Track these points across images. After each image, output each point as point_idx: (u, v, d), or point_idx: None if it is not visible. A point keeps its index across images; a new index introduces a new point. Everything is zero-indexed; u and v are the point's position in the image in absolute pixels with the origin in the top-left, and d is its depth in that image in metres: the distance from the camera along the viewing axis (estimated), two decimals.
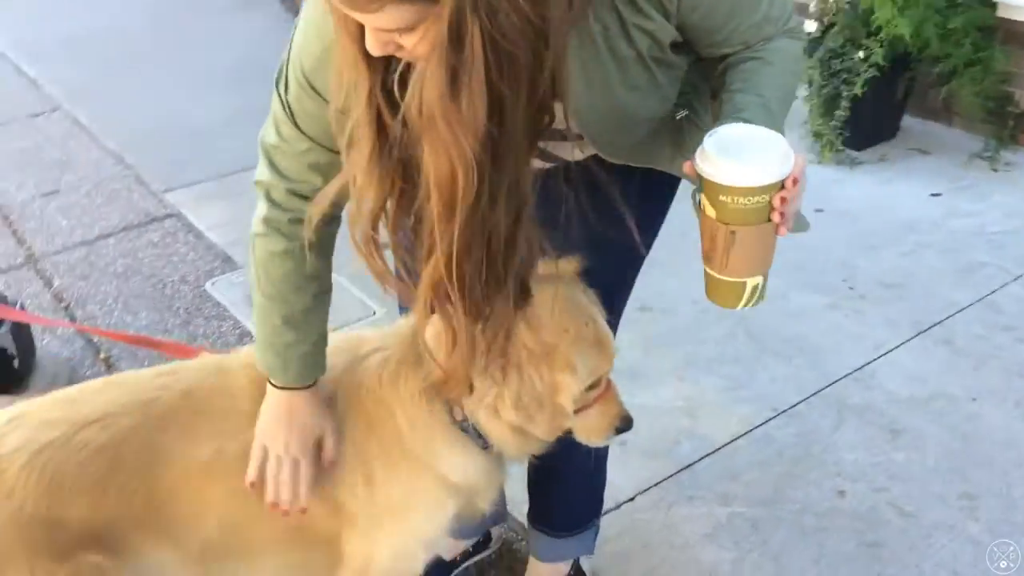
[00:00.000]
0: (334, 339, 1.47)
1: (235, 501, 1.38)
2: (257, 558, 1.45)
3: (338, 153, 1.12)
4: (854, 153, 3.64)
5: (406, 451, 1.40)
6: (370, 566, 1.46)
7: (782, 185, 1.04)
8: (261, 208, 1.28)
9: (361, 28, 0.95)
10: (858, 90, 3.38)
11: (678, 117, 1.30)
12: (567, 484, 1.72)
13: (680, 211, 1.50)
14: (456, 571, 1.93)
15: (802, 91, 3.78)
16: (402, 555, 1.48)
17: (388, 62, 0.98)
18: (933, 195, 3.37)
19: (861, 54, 3.37)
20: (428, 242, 1.03)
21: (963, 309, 2.72)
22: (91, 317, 2.93)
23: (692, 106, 1.31)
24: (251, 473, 1.35)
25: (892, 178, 3.50)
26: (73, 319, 2.92)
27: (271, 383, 1.36)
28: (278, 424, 1.35)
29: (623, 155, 1.28)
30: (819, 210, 3.30)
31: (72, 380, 2.12)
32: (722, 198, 1.05)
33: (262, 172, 1.27)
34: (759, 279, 1.12)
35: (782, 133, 1.12)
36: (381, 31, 0.92)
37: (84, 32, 5.58)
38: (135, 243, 3.35)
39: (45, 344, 2.74)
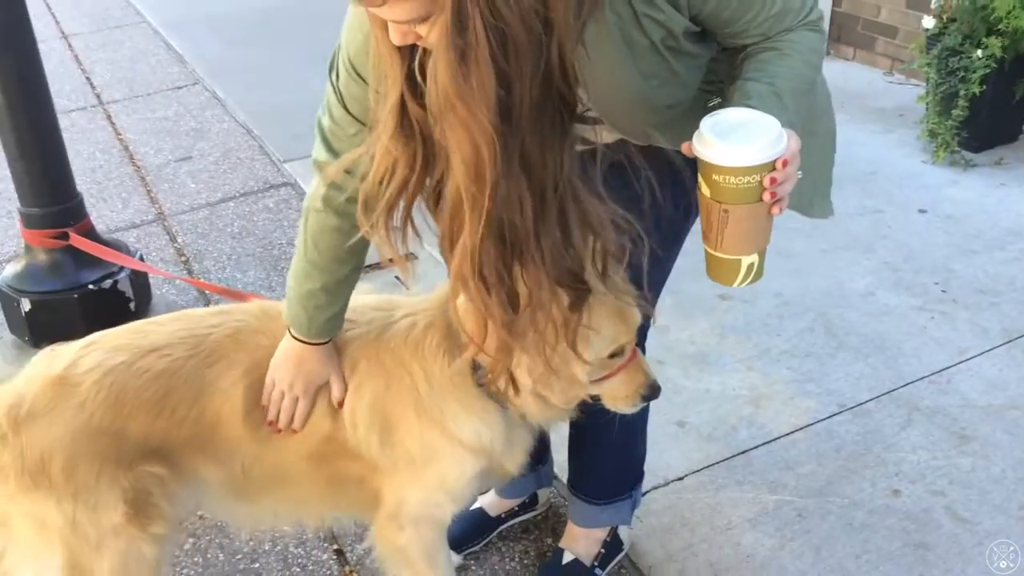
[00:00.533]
0: (370, 300, 1.60)
1: (264, 437, 1.52)
2: (291, 485, 1.59)
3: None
4: (969, 155, 3.50)
5: (421, 409, 1.51)
6: (401, 509, 1.58)
7: (773, 167, 1.08)
8: (319, 186, 1.40)
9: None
10: (975, 88, 3.26)
11: (710, 104, 1.34)
12: (602, 453, 1.79)
13: None
14: (501, 527, 2.02)
15: (919, 90, 3.67)
16: (429, 503, 1.59)
17: (413, 51, 1.08)
18: None
19: (980, 52, 3.23)
20: (453, 227, 1.12)
21: None
22: (206, 271, 3.18)
23: (724, 94, 1.34)
24: (263, 398, 1.50)
25: (1006, 182, 3.35)
26: (190, 272, 3.18)
27: (291, 332, 1.49)
28: (287, 365, 1.49)
29: (648, 138, 1.33)
30: (923, 211, 3.22)
31: None
32: (715, 177, 1.10)
33: (318, 152, 1.39)
34: (755, 257, 1.17)
35: (795, 121, 1.16)
36: (398, 23, 1.02)
37: (228, 11, 5.98)
38: (252, 207, 3.60)
39: (163, 292, 3.01)
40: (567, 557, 1.89)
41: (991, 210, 3.19)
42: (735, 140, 1.09)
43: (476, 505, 2.02)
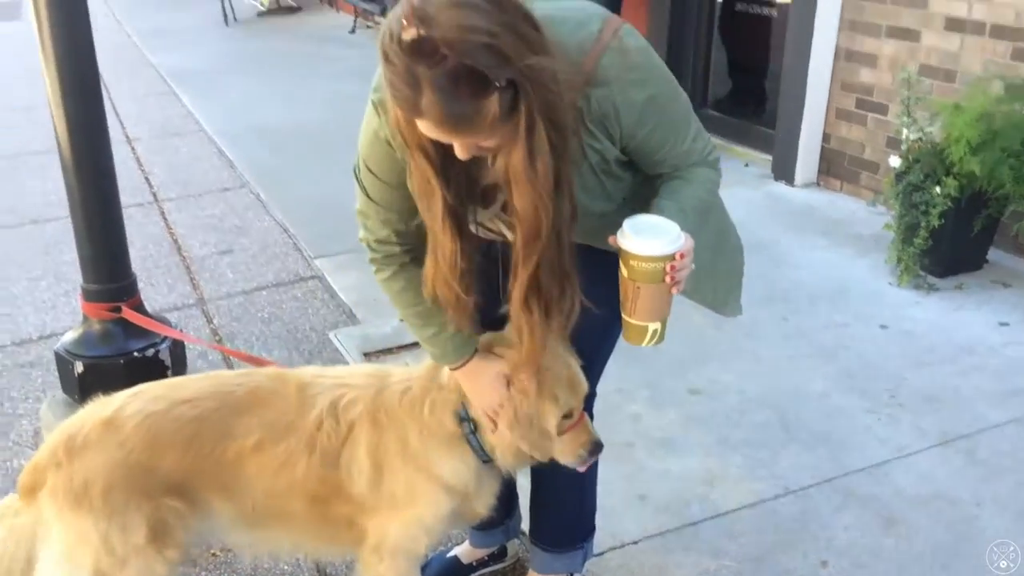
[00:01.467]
0: (367, 368, 1.97)
1: (272, 477, 1.84)
2: (292, 523, 1.91)
3: (394, 211, 1.66)
4: (933, 280, 3.84)
5: (408, 456, 1.84)
6: (383, 543, 1.90)
7: (673, 257, 1.46)
8: (369, 257, 1.77)
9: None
10: (935, 221, 3.63)
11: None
12: (557, 506, 2.10)
13: (739, 322, 1.84)
14: (473, 574, 2.31)
15: (886, 218, 4.06)
16: (408, 537, 1.90)
17: (446, 166, 1.47)
18: (1001, 324, 3.52)
19: (938, 189, 3.62)
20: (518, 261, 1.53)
21: (997, 426, 2.88)
22: (235, 349, 3.56)
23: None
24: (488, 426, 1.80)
25: (964, 305, 3.67)
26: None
27: (451, 369, 1.80)
28: (475, 388, 1.78)
29: (581, 236, 1.70)
30: (884, 326, 3.54)
31: None
32: (631, 262, 1.49)
33: (360, 232, 1.77)
34: (658, 325, 1.54)
35: (692, 229, 1.54)
36: (472, 144, 1.39)
37: (275, 124, 6.61)
38: (282, 296, 4.02)
39: (197, 366, 3.39)
40: None
41: (947, 328, 3.51)
42: (647, 236, 1.47)
43: (451, 553, 2.31)
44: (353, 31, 10.39)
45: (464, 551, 2.32)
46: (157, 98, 7.68)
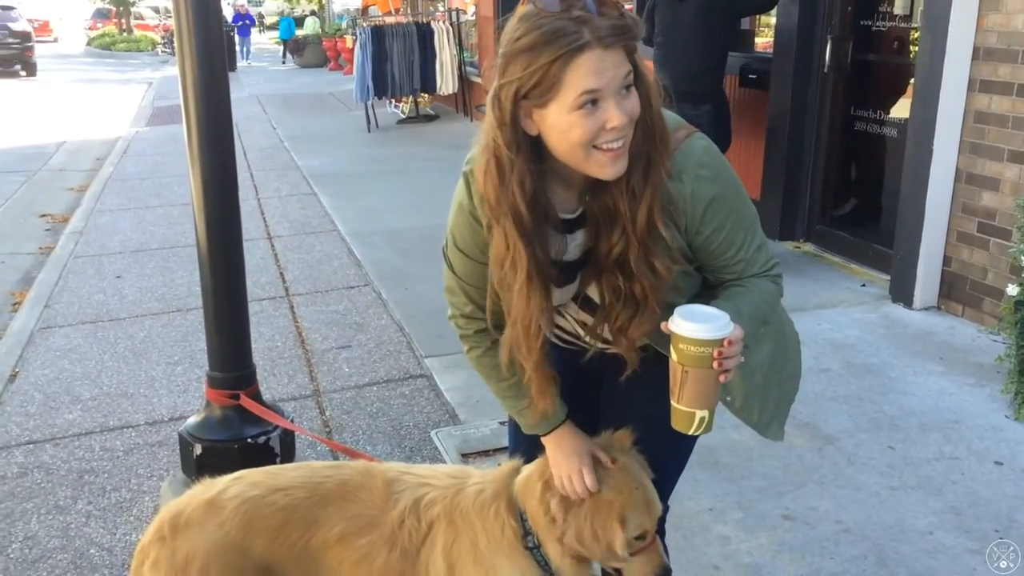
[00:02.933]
0: (448, 469, 2.06)
1: (351, 569, 1.94)
2: None
3: (477, 287, 1.76)
4: None
5: (479, 560, 1.91)
6: None
7: (722, 343, 1.52)
8: (460, 335, 1.89)
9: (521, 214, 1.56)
10: None
11: None
12: None
13: (842, 447, 1.92)
14: None
15: (1003, 349, 3.90)
16: None
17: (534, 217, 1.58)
18: None
19: None
20: (624, 317, 1.67)
21: None
22: (342, 441, 3.75)
23: None
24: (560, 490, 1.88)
25: None
26: (330, 439, 3.76)
27: (540, 437, 1.90)
28: (557, 456, 1.87)
29: (655, 340, 1.74)
30: (999, 463, 3.38)
31: None
32: (680, 346, 1.55)
33: (449, 310, 1.89)
34: (705, 413, 1.58)
35: (746, 332, 1.58)
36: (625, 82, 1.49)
37: (401, 227, 6.99)
38: (391, 392, 4.21)
39: (305, 455, 3.58)
40: None
41: None
42: (698, 321, 1.54)
43: None
44: None
45: None
46: (300, 198, 8.27)
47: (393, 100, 13.19)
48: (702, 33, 5.39)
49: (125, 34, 38.86)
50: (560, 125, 1.49)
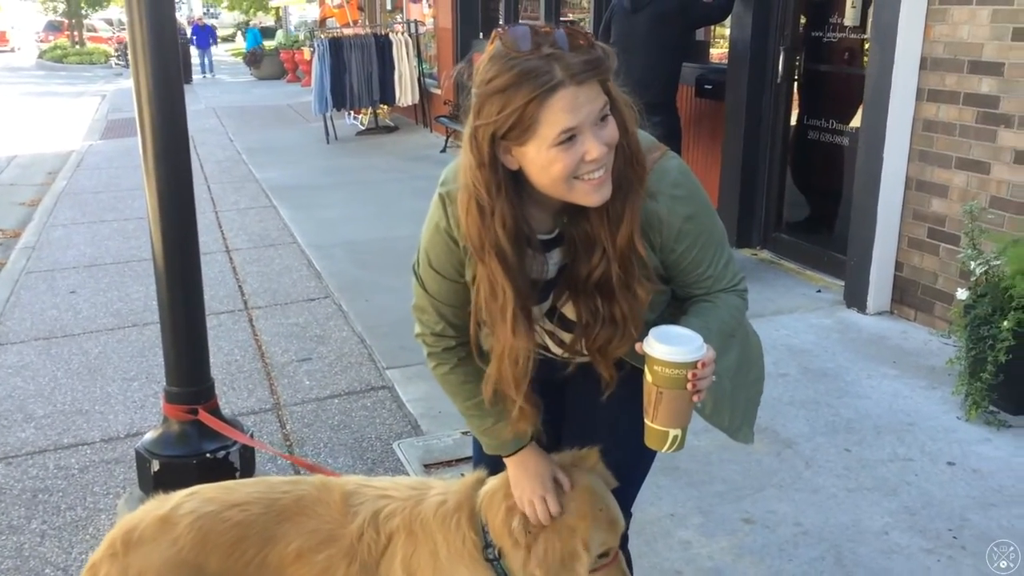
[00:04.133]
0: (409, 480, 2.06)
1: None
2: None
3: (450, 306, 1.76)
4: (1006, 416, 3.73)
5: (437, 569, 1.90)
6: None
7: (695, 365, 1.54)
8: (426, 352, 1.89)
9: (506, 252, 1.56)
10: (1001, 356, 3.56)
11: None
12: None
13: (800, 450, 1.94)
14: None
15: (953, 352, 4.00)
16: None
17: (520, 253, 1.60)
18: None
19: (1006, 323, 3.57)
20: (602, 338, 1.68)
21: None
22: (303, 455, 3.72)
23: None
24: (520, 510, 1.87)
25: None
26: (291, 453, 3.73)
27: (503, 457, 1.89)
28: (519, 477, 1.85)
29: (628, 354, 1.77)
30: (951, 463, 3.45)
31: None
32: (655, 368, 1.57)
33: (416, 327, 1.89)
34: (678, 431, 1.61)
35: (715, 348, 1.61)
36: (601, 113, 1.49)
37: (362, 239, 6.96)
38: (352, 405, 4.18)
39: (265, 469, 3.55)
40: None
41: (1017, 468, 3.39)
42: (672, 344, 1.56)
43: None
44: (444, 150, 10.92)
45: None
46: (258, 211, 8.20)
47: (352, 112, 13.16)
48: (656, 43, 5.46)
49: (78, 46, 38.23)
50: (540, 161, 1.50)
